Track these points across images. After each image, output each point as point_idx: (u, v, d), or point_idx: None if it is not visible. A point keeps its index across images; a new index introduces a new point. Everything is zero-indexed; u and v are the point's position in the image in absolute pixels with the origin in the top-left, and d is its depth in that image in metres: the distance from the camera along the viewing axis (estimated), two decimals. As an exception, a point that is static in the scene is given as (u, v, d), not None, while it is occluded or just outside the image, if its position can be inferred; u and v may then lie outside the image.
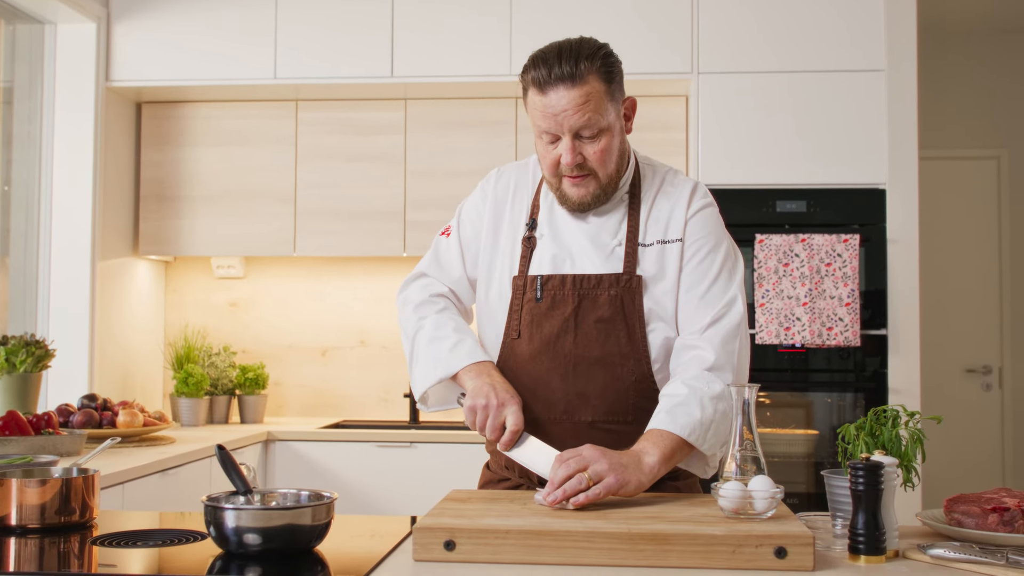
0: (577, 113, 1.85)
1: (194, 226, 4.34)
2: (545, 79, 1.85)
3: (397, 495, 3.86)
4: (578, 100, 1.84)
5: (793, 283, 3.74)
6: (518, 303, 1.97)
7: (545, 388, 1.93)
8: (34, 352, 3.40)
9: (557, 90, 1.85)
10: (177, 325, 4.61)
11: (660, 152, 4.13)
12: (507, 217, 2.05)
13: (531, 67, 1.89)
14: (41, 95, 4.05)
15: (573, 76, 1.84)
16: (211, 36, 4.16)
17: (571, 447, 1.79)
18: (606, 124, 1.88)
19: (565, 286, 1.93)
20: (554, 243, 1.98)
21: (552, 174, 1.94)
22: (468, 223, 2.10)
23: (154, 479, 3.05)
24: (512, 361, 1.97)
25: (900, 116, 3.85)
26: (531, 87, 1.89)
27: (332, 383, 4.59)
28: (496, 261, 2.04)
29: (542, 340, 1.93)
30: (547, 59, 1.86)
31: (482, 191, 2.10)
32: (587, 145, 1.89)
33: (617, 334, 1.91)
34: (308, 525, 1.54)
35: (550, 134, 1.89)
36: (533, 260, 1.98)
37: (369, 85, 4.15)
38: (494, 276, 2.03)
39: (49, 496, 1.77)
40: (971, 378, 5.64)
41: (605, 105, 1.88)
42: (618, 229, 1.97)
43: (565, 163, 1.89)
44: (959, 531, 1.64)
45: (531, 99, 1.90)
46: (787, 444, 3.90)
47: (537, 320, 1.94)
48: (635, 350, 1.92)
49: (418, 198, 4.25)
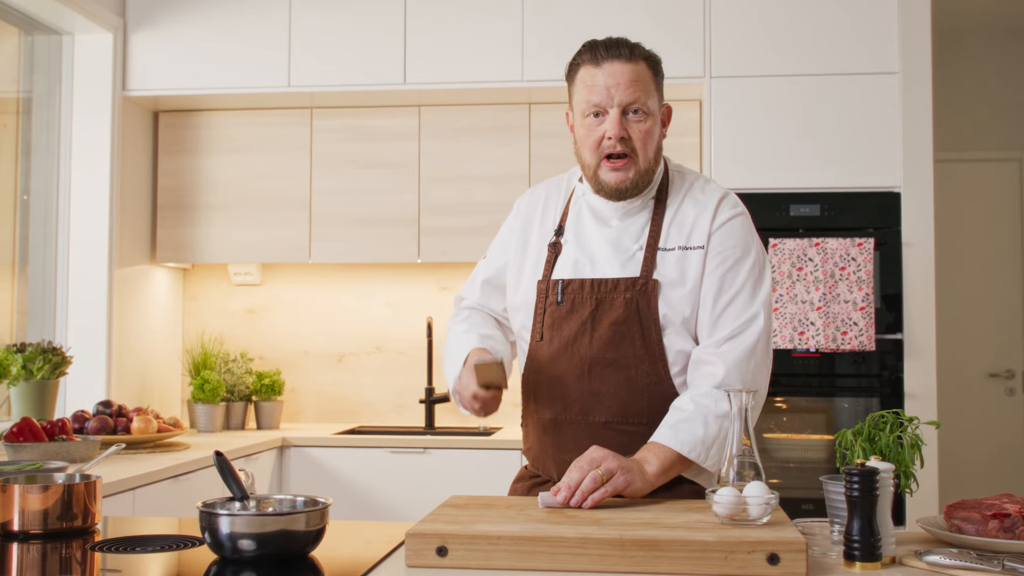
0: (630, 88, 1.94)
1: (211, 233, 4.37)
2: (602, 55, 1.96)
3: (411, 501, 3.87)
4: (631, 75, 1.95)
5: (807, 287, 3.72)
6: (541, 307, 2.03)
7: (562, 388, 1.99)
8: (51, 359, 3.43)
9: (613, 64, 1.95)
10: (194, 332, 4.64)
11: (674, 156, 4.03)
12: (536, 225, 2.13)
13: (585, 49, 1.99)
14: (59, 105, 4.10)
15: (630, 55, 1.96)
16: (226, 45, 4.19)
17: (585, 447, 1.85)
18: (651, 109, 1.97)
19: (584, 290, 1.98)
20: (578, 248, 2.04)
21: (593, 154, 1.99)
22: (501, 241, 2.21)
23: (166, 485, 3.07)
24: (536, 362, 2.04)
25: (915, 119, 3.82)
26: (585, 64, 1.98)
27: (348, 389, 4.61)
28: (525, 267, 2.11)
29: (561, 342, 1.99)
30: (603, 42, 1.98)
31: (516, 208, 2.21)
32: (633, 125, 1.96)
33: (632, 337, 1.94)
34: (302, 531, 1.55)
35: (599, 108, 1.96)
36: (557, 265, 2.05)
37: (383, 92, 4.17)
38: (522, 281, 2.10)
39: (51, 502, 1.79)
40: (994, 383, 5.58)
41: (652, 91, 1.98)
42: (640, 234, 2.02)
43: (611, 135, 1.95)
44: (959, 537, 1.62)
45: (581, 77, 1.99)
46: (803, 449, 3.87)
47: (558, 323, 2.00)
48: (650, 353, 1.94)
49: (432, 204, 4.26)
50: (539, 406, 2.04)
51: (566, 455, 1.94)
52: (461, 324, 2.17)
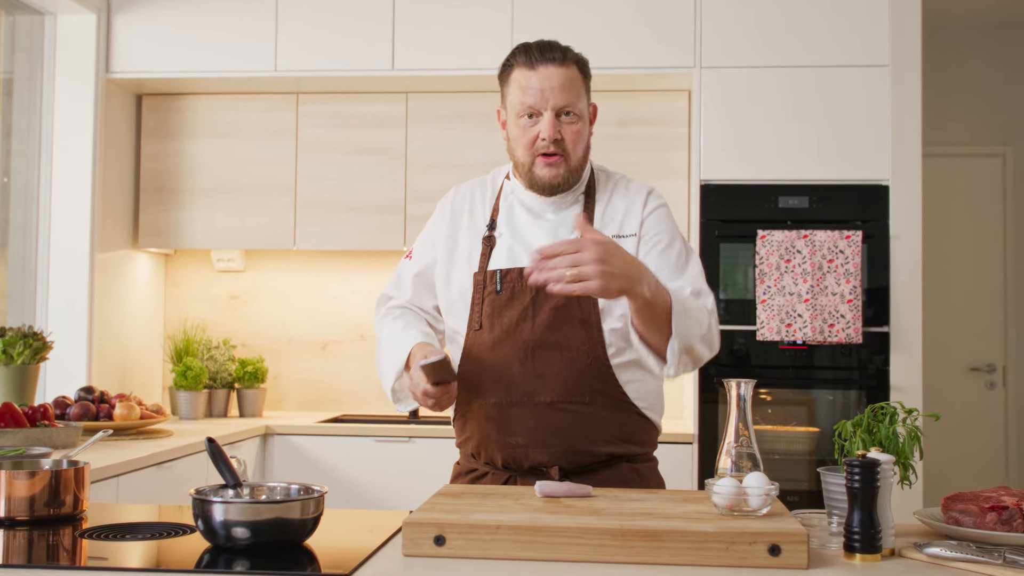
0: (563, 92, 2.01)
1: (194, 219, 4.33)
2: (536, 59, 2.02)
3: (395, 490, 3.85)
4: (564, 79, 2.02)
5: (795, 279, 3.72)
6: (479, 297, 2.08)
7: (506, 373, 2.04)
8: (32, 344, 3.39)
9: (547, 68, 2.02)
10: (176, 318, 4.59)
11: (661, 147, 4.12)
12: (465, 223, 2.18)
13: (519, 52, 2.06)
14: (41, 86, 4.04)
15: (562, 59, 2.03)
16: (212, 28, 4.14)
17: (531, 428, 1.97)
18: (581, 111, 2.05)
19: (523, 278, 2.00)
20: (513, 239, 2.10)
21: (527, 152, 2.06)
22: (427, 241, 2.23)
23: (149, 472, 3.03)
24: (475, 351, 2.08)
25: (904, 112, 3.82)
26: (519, 67, 2.05)
27: (332, 377, 4.57)
28: (456, 262, 2.15)
29: (503, 329, 2.04)
30: (535, 45, 2.05)
31: (440, 209, 2.26)
32: (565, 126, 2.03)
33: (571, 321, 2.02)
34: (297, 519, 1.53)
35: (534, 110, 2.02)
36: (492, 257, 2.10)
37: (370, 78, 4.13)
38: (453, 275, 2.14)
39: (38, 488, 1.76)
40: (975, 376, 5.61)
41: (582, 94, 2.06)
42: (574, 224, 2.00)
43: (544, 137, 2.02)
44: (957, 530, 1.62)
45: (516, 78, 2.05)
46: (788, 442, 3.88)
47: (498, 311, 2.05)
48: (590, 336, 2.01)
49: (419, 192, 4.23)
50: (481, 393, 2.07)
51: (512, 437, 2.02)
52: (397, 321, 2.17)
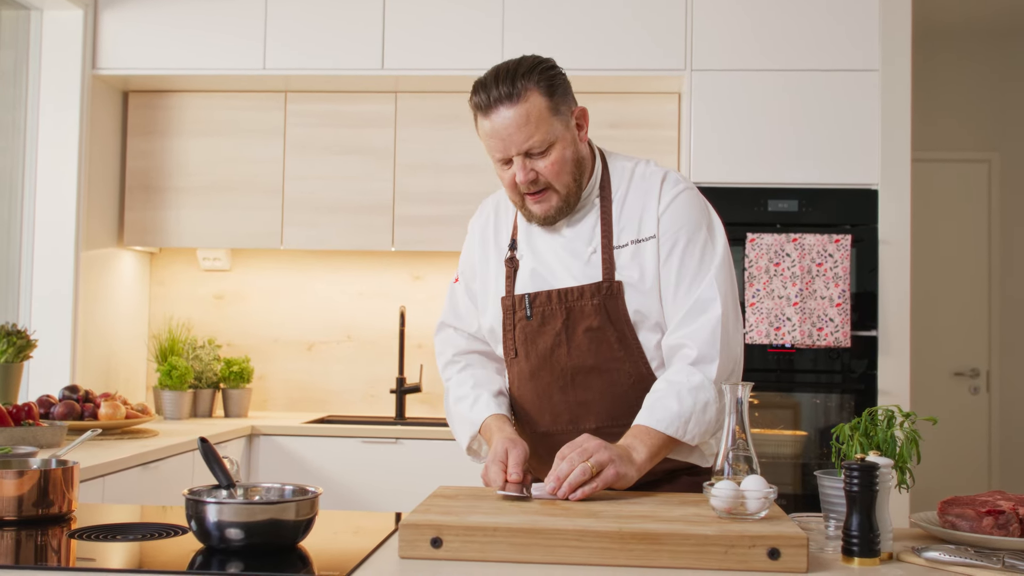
0: (521, 133, 1.87)
1: (180, 217, 4.29)
2: (486, 103, 1.89)
3: (382, 491, 3.83)
4: (519, 120, 1.87)
5: (784, 283, 3.72)
6: (510, 323, 2.01)
7: (548, 401, 1.98)
8: (15, 342, 3.35)
9: (499, 112, 1.87)
10: (161, 317, 4.56)
11: (651, 149, 4.11)
12: (492, 244, 2.10)
13: (473, 94, 1.92)
14: (26, 82, 4.00)
15: (511, 95, 1.86)
16: (200, 25, 4.11)
17: None
18: (553, 138, 1.90)
19: (552, 301, 1.96)
20: (534, 259, 2.02)
21: (514, 194, 1.97)
22: (467, 264, 2.15)
23: (135, 472, 3.00)
24: (516, 379, 2.02)
25: (893, 116, 3.83)
26: (478, 113, 1.92)
27: (318, 378, 4.55)
28: (490, 286, 2.08)
29: (538, 356, 1.97)
30: (486, 83, 1.89)
31: (471, 229, 2.16)
32: (538, 161, 1.90)
33: (608, 340, 1.93)
34: (292, 520, 1.51)
35: (503, 157, 1.91)
36: (517, 279, 2.02)
37: (360, 77, 4.10)
38: (489, 301, 2.07)
39: (27, 488, 1.73)
40: (959, 381, 5.63)
41: (549, 119, 1.89)
42: (592, 235, 1.99)
43: (520, 181, 1.91)
44: (953, 534, 1.62)
45: (480, 124, 1.94)
46: (775, 445, 3.88)
47: (531, 337, 1.98)
48: (629, 354, 1.94)
49: (407, 192, 4.21)
50: (528, 422, 2.03)
51: None
52: (465, 380, 2.08)
